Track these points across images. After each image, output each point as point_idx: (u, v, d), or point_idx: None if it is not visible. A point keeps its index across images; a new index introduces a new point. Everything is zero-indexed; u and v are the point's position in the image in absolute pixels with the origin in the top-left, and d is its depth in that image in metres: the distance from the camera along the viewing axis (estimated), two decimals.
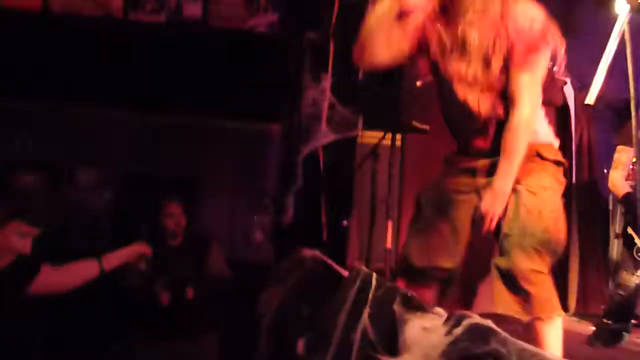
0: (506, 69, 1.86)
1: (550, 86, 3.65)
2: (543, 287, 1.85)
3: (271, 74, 3.44)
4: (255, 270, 3.07)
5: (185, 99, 3.64)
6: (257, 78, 3.47)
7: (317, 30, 3.30)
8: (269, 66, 3.47)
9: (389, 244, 3.23)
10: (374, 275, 1.81)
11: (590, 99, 2.39)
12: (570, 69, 3.08)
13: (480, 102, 1.91)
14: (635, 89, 1.85)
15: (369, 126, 3.37)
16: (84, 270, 2.30)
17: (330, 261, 2.21)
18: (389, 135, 3.42)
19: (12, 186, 2.53)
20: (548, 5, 1.93)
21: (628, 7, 1.66)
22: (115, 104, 3.63)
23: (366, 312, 1.66)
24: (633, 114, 1.91)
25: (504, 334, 1.04)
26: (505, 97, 1.89)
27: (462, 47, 1.88)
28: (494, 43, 1.83)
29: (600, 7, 3.29)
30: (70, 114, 3.73)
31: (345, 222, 3.30)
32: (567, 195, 3.53)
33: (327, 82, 3.15)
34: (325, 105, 3.17)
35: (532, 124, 1.89)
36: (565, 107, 3.80)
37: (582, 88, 3.49)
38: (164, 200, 3.23)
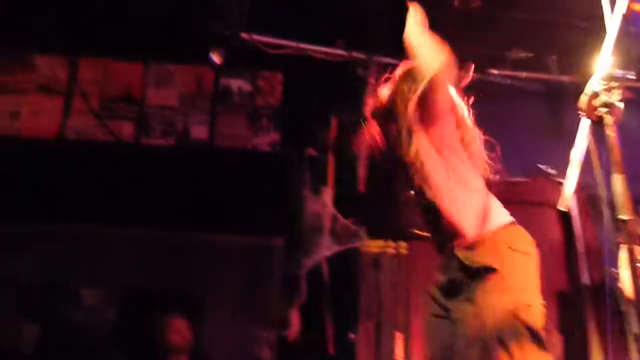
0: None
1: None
2: None
3: (273, 189, 3.55)
4: None
5: (190, 216, 3.74)
6: (259, 194, 3.58)
7: (316, 146, 3.46)
8: (271, 182, 3.60)
9: (398, 356, 3.12)
10: None
11: (563, 203, 2.44)
12: (561, 169, 3.16)
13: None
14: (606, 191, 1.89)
15: (371, 235, 3.40)
16: None
17: None
18: (392, 243, 3.44)
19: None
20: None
21: (588, 121, 1.76)
22: (122, 223, 3.73)
23: None
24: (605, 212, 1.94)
25: None
26: None
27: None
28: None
29: None
30: (76, 233, 3.82)
31: (352, 335, 3.22)
32: (580, 298, 3.46)
33: (327, 195, 3.24)
34: (327, 217, 3.23)
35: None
36: (567, 209, 3.83)
37: (580, 189, 3.55)
38: (169, 316, 3.22)
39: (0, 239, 3.87)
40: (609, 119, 1.69)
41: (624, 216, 1.66)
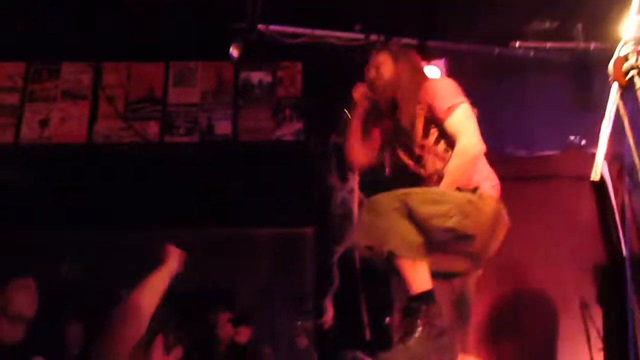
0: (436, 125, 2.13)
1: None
2: None
3: (300, 179, 3.56)
4: None
5: (221, 212, 3.78)
6: (287, 184, 3.59)
7: (340, 132, 3.44)
8: (298, 172, 3.60)
9: None
10: None
11: (596, 174, 2.38)
12: (592, 140, 3.08)
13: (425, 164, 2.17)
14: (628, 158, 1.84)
15: None
16: None
17: None
18: None
19: None
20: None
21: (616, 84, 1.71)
22: (155, 224, 3.79)
23: None
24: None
25: None
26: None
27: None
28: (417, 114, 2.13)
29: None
30: (111, 236, 3.90)
31: (387, 319, 3.21)
32: (622, 271, 3.39)
33: (354, 181, 3.23)
34: (356, 203, 3.22)
35: (470, 151, 2.09)
36: (601, 181, 3.74)
37: (613, 159, 3.45)
38: (216, 313, 3.31)
39: (41, 244, 3.99)
40: (638, 81, 1.64)
41: None
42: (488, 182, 2.15)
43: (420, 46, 3.53)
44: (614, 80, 1.71)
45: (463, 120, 2.10)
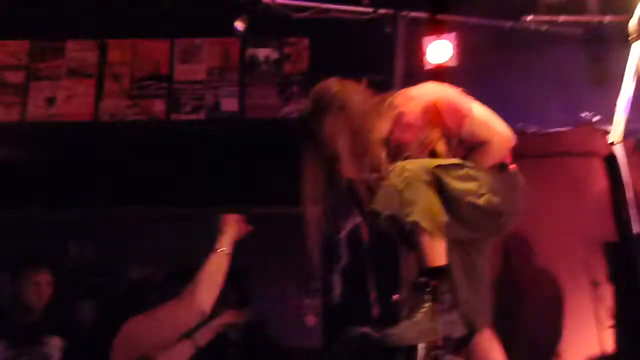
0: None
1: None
2: None
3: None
4: (310, 354, 2.99)
5: (228, 190, 3.76)
6: (293, 162, 3.55)
7: None
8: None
9: None
10: (420, 345, 1.78)
11: (614, 136, 2.33)
12: (606, 116, 3.02)
13: None
14: None
15: None
16: (180, 355, 2.32)
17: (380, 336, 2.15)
18: None
19: None
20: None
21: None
22: (158, 201, 3.78)
23: None
24: None
25: None
26: None
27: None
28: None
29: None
30: (118, 214, 3.90)
31: (395, 296, 3.20)
32: (633, 249, 3.35)
33: None
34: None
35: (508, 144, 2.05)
36: (612, 157, 3.68)
37: (626, 135, 3.39)
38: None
39: (48, 223, 4.00)
40: None
41: None
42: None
43: (430, 20, 3.46)
44: (635, 39, 1.65)
45: (484, 117, 2.05)
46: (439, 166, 1.90)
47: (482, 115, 2.04)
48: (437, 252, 1.87)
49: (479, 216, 1.93)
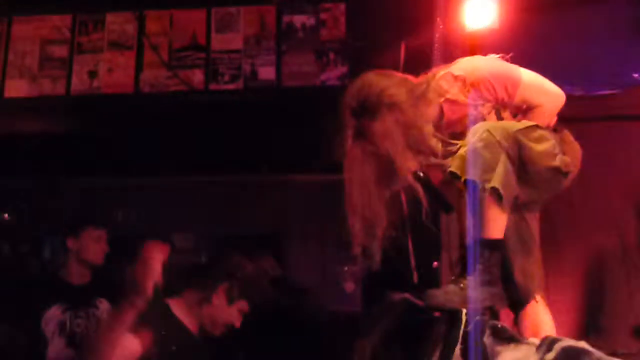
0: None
1: None
2: None
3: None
4: (348, 319, 3.03)
5: (268, 158, 3.80)
6: (332, 130, 3.54)
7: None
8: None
9: None
10: (464, 311, 1.79)
11: None
12: None
13: None
14: None
15: None
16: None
17: (421, 303, 2.17)
18: None
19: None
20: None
21: None
22: (204, 171, 3.85)
23: (458, 348, 1.63)
24: None
25: (598, 353, 0.96)
26: None
27: None
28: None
29: None
30: (162, 183, 4.00)
31: (435, 263, 3.20)
32: None
33: None
34: None
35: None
36: None
37: None
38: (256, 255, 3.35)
39: (94, 192, 4.14)
40: None
41: None
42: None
43: None
44: None
45: (534, 81, 2.06)
46: (519, 130, 1.90)
47: (532, 80, 2.03)
48: (499, 225, 1.86)
49: (551, 177, 1.93)
